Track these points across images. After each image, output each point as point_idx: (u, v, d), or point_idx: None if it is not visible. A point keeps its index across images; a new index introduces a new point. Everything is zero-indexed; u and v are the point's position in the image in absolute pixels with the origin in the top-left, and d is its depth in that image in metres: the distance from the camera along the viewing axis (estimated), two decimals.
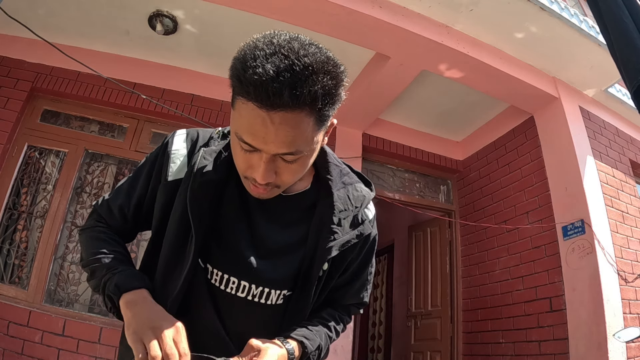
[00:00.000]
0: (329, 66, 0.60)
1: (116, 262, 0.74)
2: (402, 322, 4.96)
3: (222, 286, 0.74)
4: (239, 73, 0.59)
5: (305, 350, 0.73)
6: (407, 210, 4.10)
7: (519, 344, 3.29)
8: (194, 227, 0.71)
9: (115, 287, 0.69)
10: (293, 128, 0.59)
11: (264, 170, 0.64)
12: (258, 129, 0.59)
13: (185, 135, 0.82)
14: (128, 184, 0.85)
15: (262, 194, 0.70)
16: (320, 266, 0.76)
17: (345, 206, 0.79)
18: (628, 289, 2.95)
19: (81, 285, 3.05)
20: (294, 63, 0.56)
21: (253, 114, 0.58)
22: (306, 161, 0.67)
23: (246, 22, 3.00)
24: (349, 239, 0.78)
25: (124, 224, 0.83)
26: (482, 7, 2.85)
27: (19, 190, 3.17)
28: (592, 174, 3.19)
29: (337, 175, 0.81)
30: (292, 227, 0.78)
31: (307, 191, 0.80)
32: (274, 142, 0.60)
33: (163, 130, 3.55)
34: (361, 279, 0.88)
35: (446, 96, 3.82)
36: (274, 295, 0.76)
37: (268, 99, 0.56)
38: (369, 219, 0.83)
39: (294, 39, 0.60)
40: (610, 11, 1.21)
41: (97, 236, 0.81)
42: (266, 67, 0.55)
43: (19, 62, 3.31)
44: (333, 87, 0.61)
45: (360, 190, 0.83)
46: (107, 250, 0.77)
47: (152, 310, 0.66)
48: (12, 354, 2.62)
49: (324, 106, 0.60)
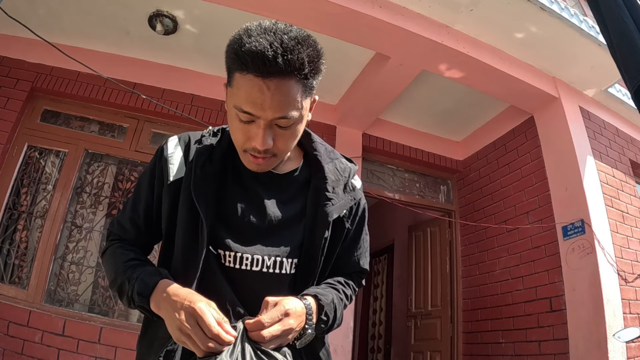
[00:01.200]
0: (310, 40, 0.71)
1: (132, 271, 0.78)
2: (402, 322, 4.96)
3: (237, 265, 0.79)
4: (236, 49, 0.69)
5: (320, 302, 0.77)
6: (407, 210, 4.10)
7: (519, 344, 3.29)
8: (202, 213, 0.77)
9: (140, 297, 0.73)
10: (285, 94, 0.69)
11: (263, 135, 0.72)
12: (256, 96, 0.68)
13: (177, 140, 0.88)
14: (132, 198, 0.90)
15: (261, 164, 0.77)
16: (322, 232, 0.82)
17: (335, 176, 0.88)
18: (628, 289, 2.95)
19: (81, 285, 3.05)
20: (282, 37, 0.67)
21: (251, 83, 0.68)
22: (297, 128, 0.76)
23: (246, 22, 2.97)
24: (345, 203, 0.86)
25: (138, 235, 0.88)
26: (482, 7, 2.85)
27: (19, 190, 3.17)
28: (592, 174, 3.19)
29: (324, 152, 0.90)
30: (291, 202, 0.86)
31: (299, 169, 0.89)
32: (271, 107, 0.69)
33: (163, 130, 3.55)
34: (359, 246, 0.95)
35: (446, 96, 3.82)
36: (286, 264, 0.82)
37: (264, 65, 0.66)
38: (358, 187, 0.92)
39: (277, 23, 0.71)
40: (611, 11, 1.21)
41: (113, 252, 0.86)
42: (260, 41, 0.66)
43: (19, 62, 3.31)
44: (315, 57, 0.71)
45: (345, 164, 0.92)
46: (122, 262, 0.81)
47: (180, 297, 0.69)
48: (12, 354, 2.62)
49: (309, 72, 0.70)
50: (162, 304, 0.70)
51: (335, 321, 0.82)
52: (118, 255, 0.84)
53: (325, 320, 0.78)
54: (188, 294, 0.69)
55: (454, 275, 4.15)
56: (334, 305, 0.81)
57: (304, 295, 0.78)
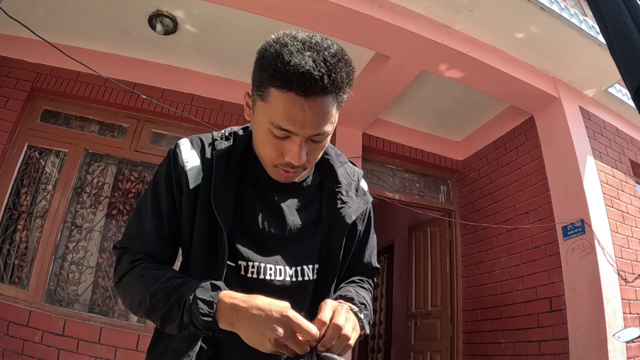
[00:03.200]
0: (345, 55, 0.69)
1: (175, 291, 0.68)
2: (402, 322, 4.96)
3: (260, 275, 0.78)
4: (278, 66, 0.64)
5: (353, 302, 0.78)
6: (407, 210, 4.10)
7: (519, 344, 3.29)
8: (222, 222, 0.74)
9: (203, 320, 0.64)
10: (325, 112, 0.68)
11: (299, 152, 0.70)
12: (297, 114, 0.66)
13: (190, 144, 0.83)
14: (150, 208, 0.79)
15: (291, 177, 0.77)
16: (341, 236, 0.83)
17: (347, 180, 0.88)
18: (628, 289, 2.95)
19: (81, 285, 3.05)
20: (324, 54, 0.65)
21: (292, 101, 0.65)
22: (328, 141, 0.76)
23: (246, 22, 3.01)
24: (360, 206, 0.87)
25: (163, 247, 0.79)
26: (482, 7, 2.85)
27: (19, 190, 3.17)
28: (592, 174, 3.19)
29: (335, 156, 0.90)
30: (307, 208, 0.85)
31: (312, 174, 0.88)
32: (310, 125, 0.68)
33: (163, 130, 3.55)
34: (368, 245, 0.96)
35: (446, 96, 3.82)
36: (308, 271, 0.82)
37: (311, 86, 0.64)
38: (366, 190, 0.94)
39: (312, 35, 0.68)
40: (611, 11, 1.21)
41: (141, 275, 0.73)
42: (306, 59, 0.63)
43: (19, 62, 3.31)
44: (352, 72, 0.70)
45: (353, 168, 0.94)
46: (160, 282, 0.70)
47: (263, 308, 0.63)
48: (12, 354, 2.62)
49: (345, 90, 0.70)
50: (240, 321, 0.63)
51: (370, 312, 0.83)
52: (149, 277, 0.72)
53: (367, 314, 0.80)
54: (269, 304, 0.63)
55: (454, 275, 4.14)
56: (364, 300, 0.83)
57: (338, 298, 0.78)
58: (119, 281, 0.77)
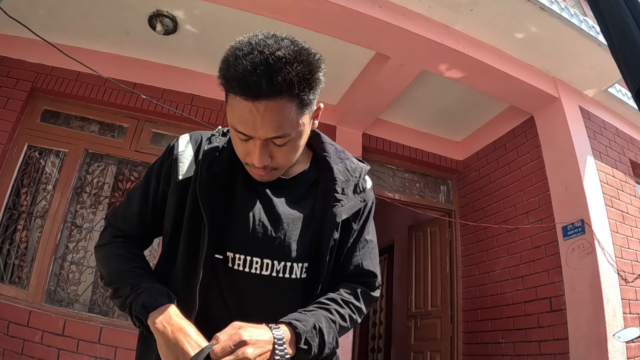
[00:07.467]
0: (302, 56, 0.67)
1: (139, 279, 0.78)
2: (402, 322, 4.96)
3: (247, 268, 0.78)
4: (224, 72, 0.68)
5: (297, 330, 0.70)
6: (407, 210, 4.10)
7: (519, 344, 3.29)
8: (205, 214, 0.76)
9: (142, 308, 0.72)
10: (277, 114, 0.67)
11: (259, 154, 0.72)
12: (247, 117, 0.68)
13: (189, 138, 0.88)
14: (140, 192, 0.88)
15: (263, 176, 0.78)
16: (330, 233, 0.81)
17: (345, 177, 0.87)
18: (628, 289, 2.95)
19: (81, 285, 3.05)
20: (268, 57, 0.64)
21: (241, 105, 0.67)
22: (296, 143, 0.75)
23: (246, 22, 3.00)
24: (354, 205, 0.86)
25: (143, 230, 0.87)
26: (482, 7, 2.85)
27: (19, 190, 3.17)
28: (592, 174, 3.19)
29: (334, 152, 0.90)
30: (299, 204, 0.85)
31: (307, 171, 0.88)
32: (262, 127, 0.68)
33: (163, 130, 3.55)
34: (361, 245, 0.90)
35: (446, 96, 3.82)
36: (296, 269, 0.81)
37: (250, 90, 0.65)
38: (368, 188, 0.92)
39: (269, 37, 0.68)
40: (611, 11, 1.21)
41: (116, 252, 0.84)
42: (244, 64, 0.65)
43: (19, 62, 3.31)
44: (308, 73, 0.68)
45: (357, 164, 0.92)
46: (128, 267, 0.81)
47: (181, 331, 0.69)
48: (12, 354, 2.62)
49: (301, 91, 0.68)
50: (158, 327, 0.70)
51: (325, 347, 0.74)
52: (122, 257, 0.83)
53: (307, 349, 0.71)
54: (178, 331, 0.69)
55: (454, 275, 4.14)
56: (317, 331, 0.73)
57: (281, 322, 0.72)
58: (99, 247, 0.87)
